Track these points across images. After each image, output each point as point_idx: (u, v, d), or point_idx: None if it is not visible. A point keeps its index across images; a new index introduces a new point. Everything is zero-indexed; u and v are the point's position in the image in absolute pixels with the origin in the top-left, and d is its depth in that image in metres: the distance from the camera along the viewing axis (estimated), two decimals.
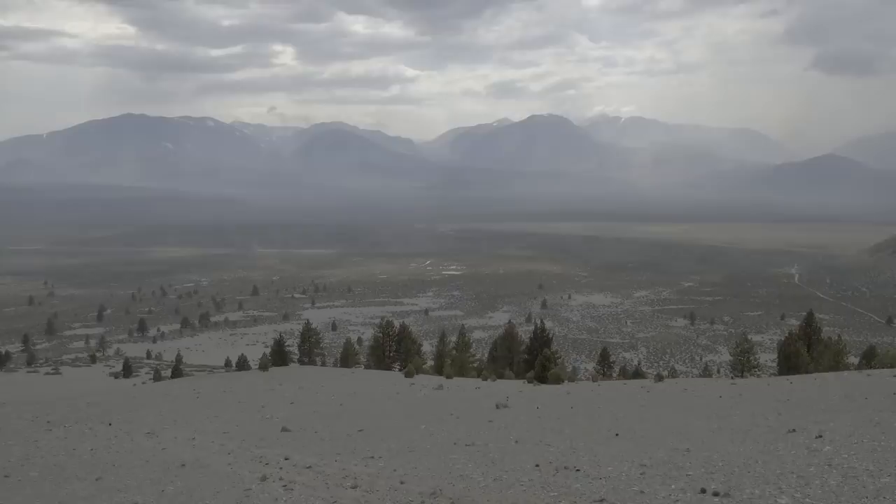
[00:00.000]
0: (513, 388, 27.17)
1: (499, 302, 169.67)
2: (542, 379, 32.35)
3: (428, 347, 70.00)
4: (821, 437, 11.03)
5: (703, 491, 7.65)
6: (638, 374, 55.70)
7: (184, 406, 24.00)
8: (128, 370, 79.05)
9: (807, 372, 33.07)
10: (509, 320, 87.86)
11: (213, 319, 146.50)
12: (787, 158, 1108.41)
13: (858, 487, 7.10)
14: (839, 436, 10.99)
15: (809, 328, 42.23)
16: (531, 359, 41.11)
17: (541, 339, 43.56)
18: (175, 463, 12.69)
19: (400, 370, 43.11)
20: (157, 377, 65.41)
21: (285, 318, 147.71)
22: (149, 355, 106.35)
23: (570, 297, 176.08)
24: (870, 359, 40.98)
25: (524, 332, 54.43)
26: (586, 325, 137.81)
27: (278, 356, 49.34)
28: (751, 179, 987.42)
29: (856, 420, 12.74)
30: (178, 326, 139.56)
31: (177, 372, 67.66)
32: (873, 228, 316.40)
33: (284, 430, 17.11)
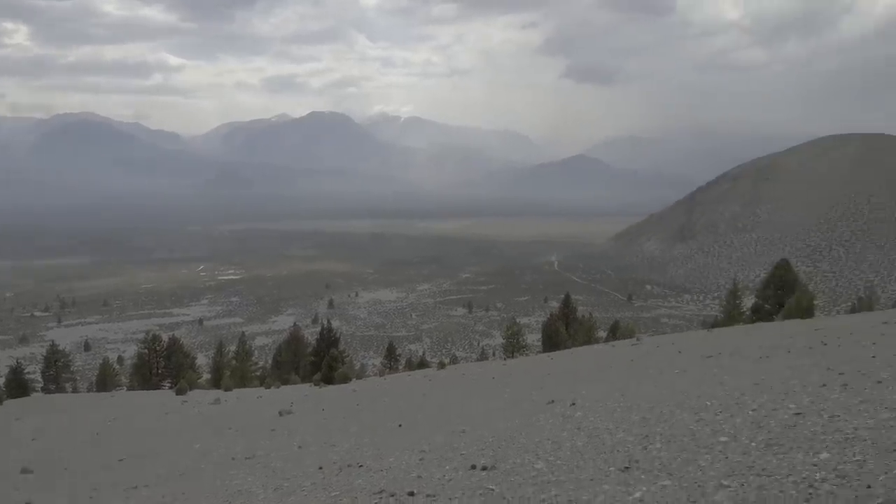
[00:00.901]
0: (298, 393, 26.44)
1: (283, 305, 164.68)
2: (329, 380, 32.01)
3: (204, 360, 65.24)
4: (574, 404, 12.30)
5: (474, 467, 8.05)
6: (423, 364, 57.92)
7: None
8: None
9: (566, 347, 37.25)
10: (294, 323, 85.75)
11: None
12: (547, 158, 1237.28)
13: (599, 444, 8.03)
14: (589, 402, 12.35)
15: (567, 309, 47.62)
16: (318, 360, 40.50)
17: (327, 339, 43.13)
18: None
19: (171, 388, 39.56)
20: None
21: (23, 340, 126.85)
22: None
23: (357, 295, 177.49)
24: (615, 332, 47.36)
25: (310, 334, 53.45)
26: (374, 322, 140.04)
27: (15, 386, 42.16)
28: (516, 178, 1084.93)
29: (603, 387, 14.44)
30: None
31: None
32: (616, 220, 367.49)
33: (25, 471, 14.59)
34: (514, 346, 41.91)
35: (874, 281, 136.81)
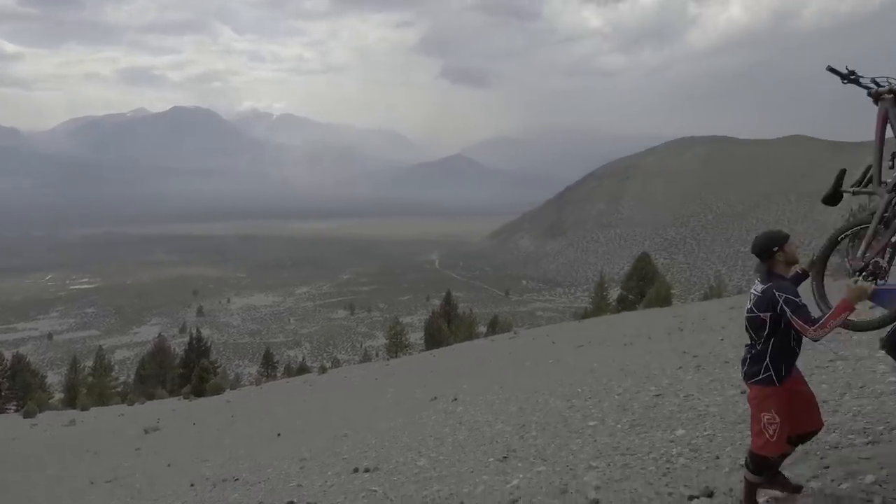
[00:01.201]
0: (166, 408, 24.80)
1: (146, 315, 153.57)
2: (200, 392, 30.32)
3: (56, 378, 59.25)
4: (456, 399, 12.53)
5: (356, 470, 7.95)
6: (303, 370, 56.41)
7: None
8: None
9: (448, 344, 37.88)
10: (159, 334, 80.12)
11: None
12: (424, 158, 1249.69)
13: (479, 437, 8.23)
14: (470, 396, 12.63)
15: (448, 306, 48.42)
16: (187, 372, 38.22)
17: (197, 349, 40.84)
18: None
19: (17, 411, 35.63)
20: None
21: None
22: None
23: (229, 301, 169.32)
24: (494, 326, 48.81)
25: (178, 345, 50.33)
26: (248, 328, 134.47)
27: None
28: (395, 177, 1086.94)
29: (484, 380, 14.82)
30: None
31: None
32: (491, 218, 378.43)
33: None
34: (397, 346, 42.00)
35: (722, 271, 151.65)
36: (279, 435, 13.55)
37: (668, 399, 7.49)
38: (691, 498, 4.19)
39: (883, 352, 3.34)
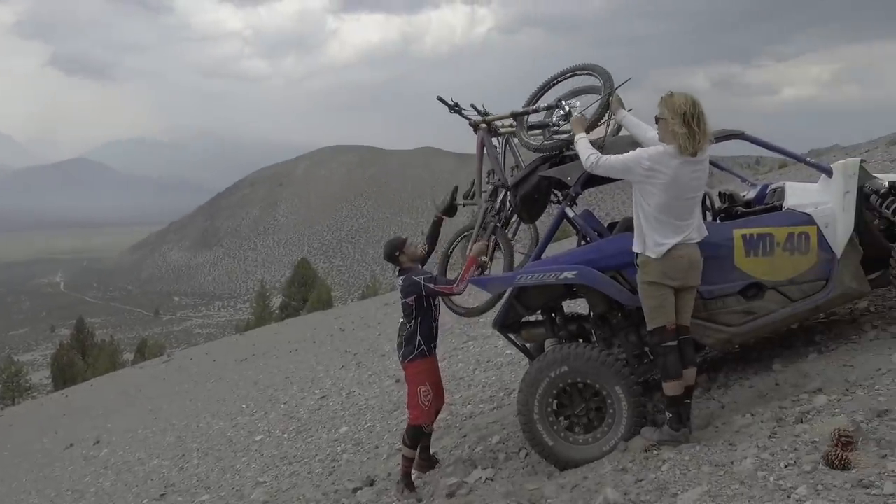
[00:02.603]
0: None
1: None
2: None
3: None
4: (98, 442, 10.95)
5: None
6: None
7: None
8: None
9: (84, 380, 32.68)
10: None
11: None
12: (35, 161, 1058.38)
13: (130, 478, 7.32)
14: (117, 434, 11.17)
15: (82, 335, 41.87)
16: None
17: None
18: None
19: None
20: None
21: None
22: None
23: None
24: (143, 351, 44.03)
25: None
26: None
27: None
28: None
29: (133, 414, 13.24)
30: None
31: None
32: (132, 229, 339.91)
33: None
34: (14, 391, 34.50)
35: (377, 271, 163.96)
36: None
37: (333, 399, 7.76)
38: (355, 490, 4.41)
39: (495, 330, 4.11)
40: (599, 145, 3.57)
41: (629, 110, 3.60)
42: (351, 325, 16.92)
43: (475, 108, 4.25)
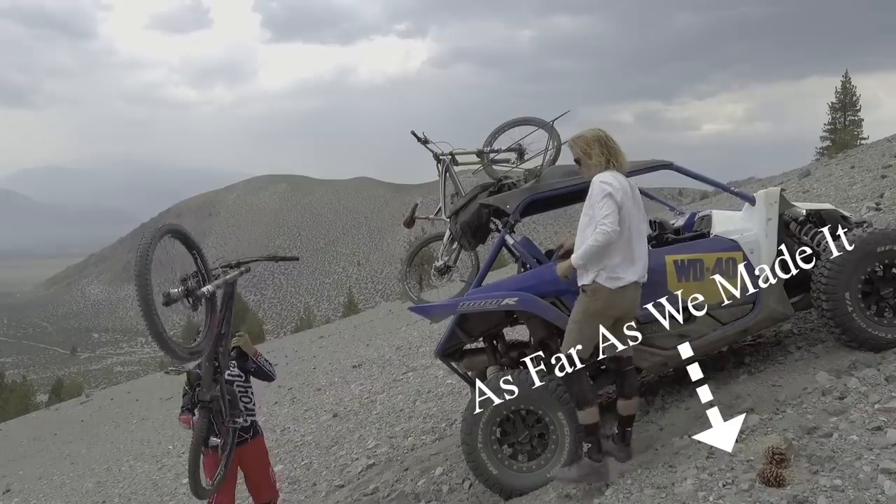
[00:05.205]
0: None
1: None
2: None
3: None
4: (9, 490, 10.16)
5: None
6: None
7: None
8: None
9: None
10: None
11: None
12: None
13: None
14: (29, 482, 10.41)
15: None
16: None
17: None
18: None
19: None
20: None
21: None
22: None
23: None
24: (59, 392, 41.46)
25: None
26: None
27: None
28: None
29: (48, 459, 12.40)
30: None
31: None
32: (46, 262, 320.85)
33: None
34: None
35: (311, 302, 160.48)
36: None
37: (266, 436, 7.45)
38: None
39: (437, 358, 4.18)
40: (536, 174, 3.68)
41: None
42: (284, 359, 16.45)
43: (446, 146, 4.72)
